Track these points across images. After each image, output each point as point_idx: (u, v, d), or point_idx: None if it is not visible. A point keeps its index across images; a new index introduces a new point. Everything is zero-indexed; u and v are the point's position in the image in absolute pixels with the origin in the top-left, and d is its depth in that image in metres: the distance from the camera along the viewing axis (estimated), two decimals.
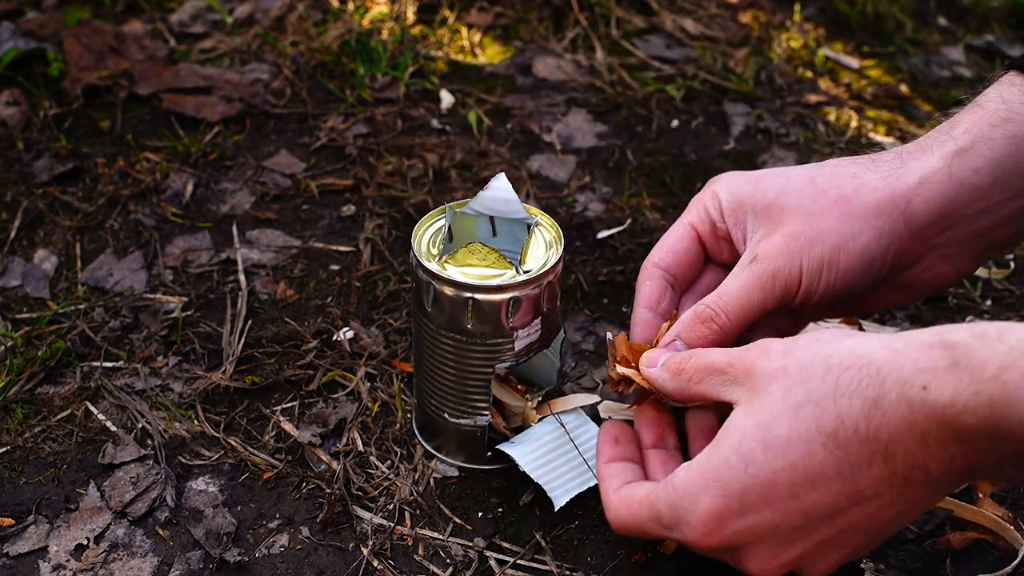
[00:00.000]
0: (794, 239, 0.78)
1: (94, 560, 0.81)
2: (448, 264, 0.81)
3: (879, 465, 0.64)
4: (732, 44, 1.41)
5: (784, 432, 0.66)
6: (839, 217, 0.78)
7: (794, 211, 0.79)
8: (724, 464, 0.68)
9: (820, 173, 0.80)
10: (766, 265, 0.78)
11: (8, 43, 1.32)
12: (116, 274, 1.06)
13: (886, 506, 0.66)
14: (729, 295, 0.79)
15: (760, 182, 0.82)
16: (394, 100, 1.29)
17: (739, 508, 0.67)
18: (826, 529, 0.68)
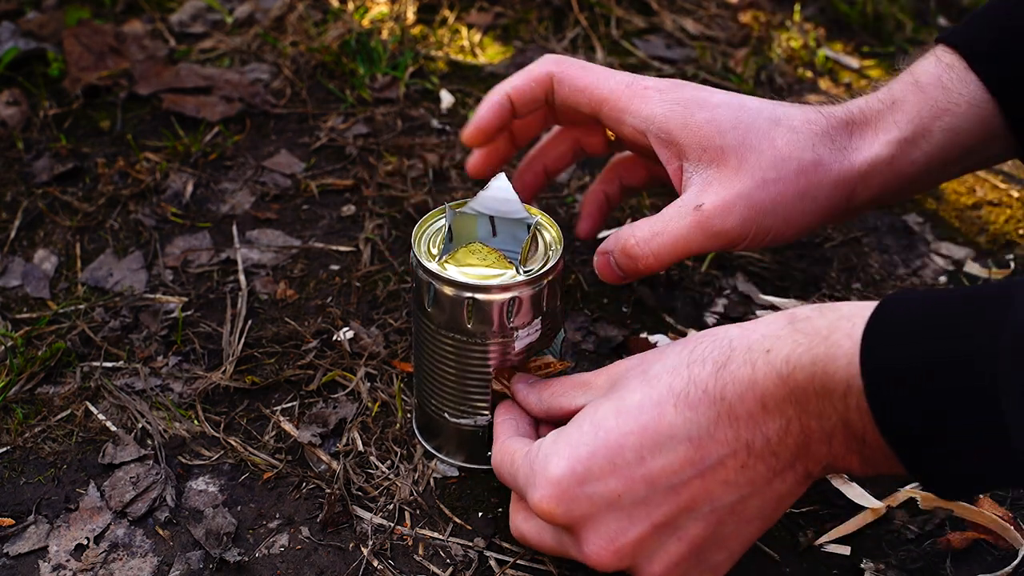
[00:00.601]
0: (748, 204, 0.81)
1: (94, 560, 0.81)
2: (448, 264, 0.81)
3: (724, 426, 0.66)
4: (732, 44, 1.41)
5: (637, 399, 0.68)
6: (796, 193, 0.81)
7: (752, 172, 0.81)
8: (578, 430, 0.69)
9: (778, 134, 0.82)
10: (714, 221, 0.81)
11: (8, 43, 1.32)
12: (116, 274, 1.06)
13: (729, 482, 0.67)
14: (664, 237, 0.82)
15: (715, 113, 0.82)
16: (394, 100, 1.29)
17: (584, 471, 0.68)
18: (667, 506, 0.68)
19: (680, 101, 0.83)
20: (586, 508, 0.69)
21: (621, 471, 0.67)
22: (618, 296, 1.04)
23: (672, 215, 0.82)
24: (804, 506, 0.85)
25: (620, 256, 0.85)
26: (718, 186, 0.81)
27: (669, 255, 0.83)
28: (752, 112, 0.83)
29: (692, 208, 0.81)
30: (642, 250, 0.83)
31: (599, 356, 0.98)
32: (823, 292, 1.04)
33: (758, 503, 0.68)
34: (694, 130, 0.82)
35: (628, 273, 0.86)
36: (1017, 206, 1.16)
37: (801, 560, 0.82)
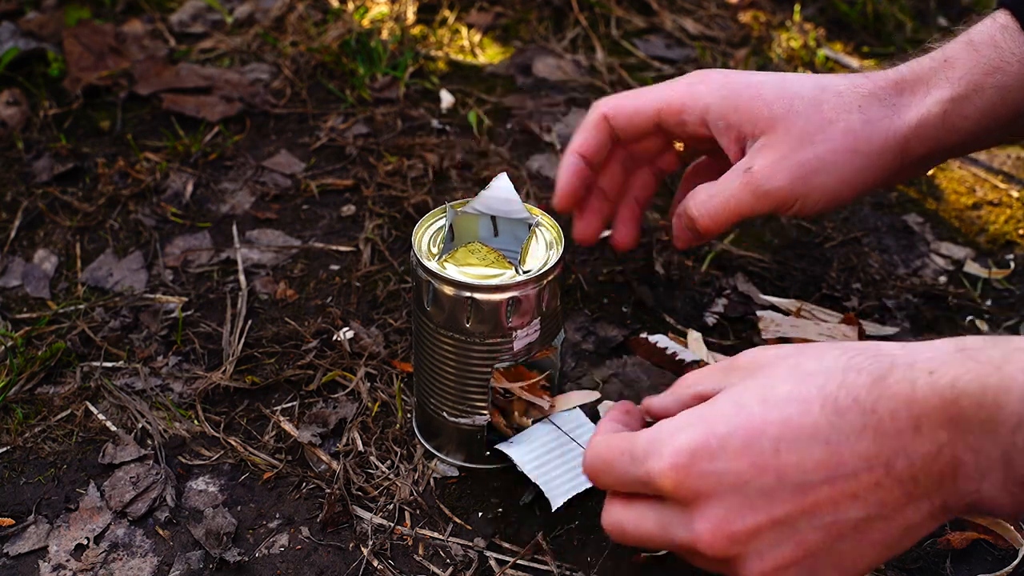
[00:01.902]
0: (796, 165, 0.82)
1: (94, 560, 0.81)
2: (448, 263, 0.81)
3: (868, 439, 0.63)
4: (732, 44, 1.41)
5: (785, 390, 0.65)
6: (846, 152, 0.83)
7: (799, 135, 0.83)
8: (713, 409, 0.67)
9: (824, 98, 0.84)
10: (763, 182, 0.82)
11: (8, 43, 1.32)
12: (116, 274, 1.06)
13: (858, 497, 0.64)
14: (715, 200, 0.85)
15: (760, 90, 0.85)
16: (394, 100, 1.29)
17: (718, 447, 0.65)
18: (791, 504, 0.65)
19: (727, 86, 0.86)
20: (710, 484, 0.65)
21: (754, 456, 0.64)
22: (618, 296, 1.04)
23: (725, 179, 0.85)
24: None
25: (684, 218, 0.88)
26: (767, 150, 0.83)
27: (722, 216, 0.85)
28: (796, 83, 0.85)
29: (742, 171, 0.84)
30: (698, 212, 0.86)
31: (599, 356, 0.98)
32: (823, 292, 1.04)
33: (883, 528, 0.65)
34: (744, 110, 0.85)
35: (692, 236, 0.89)
36: (1017, 206, 1.16)
37: None
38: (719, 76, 0.88)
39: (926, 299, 1.04)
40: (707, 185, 0.87)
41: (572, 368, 0.97)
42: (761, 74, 0.87)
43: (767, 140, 0.84)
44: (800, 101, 0.84)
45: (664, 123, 0.90)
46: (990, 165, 1.22)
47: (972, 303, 1.04)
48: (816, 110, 0.83)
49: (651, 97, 0.89)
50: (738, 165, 0.85)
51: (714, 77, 0.88)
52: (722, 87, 0.86)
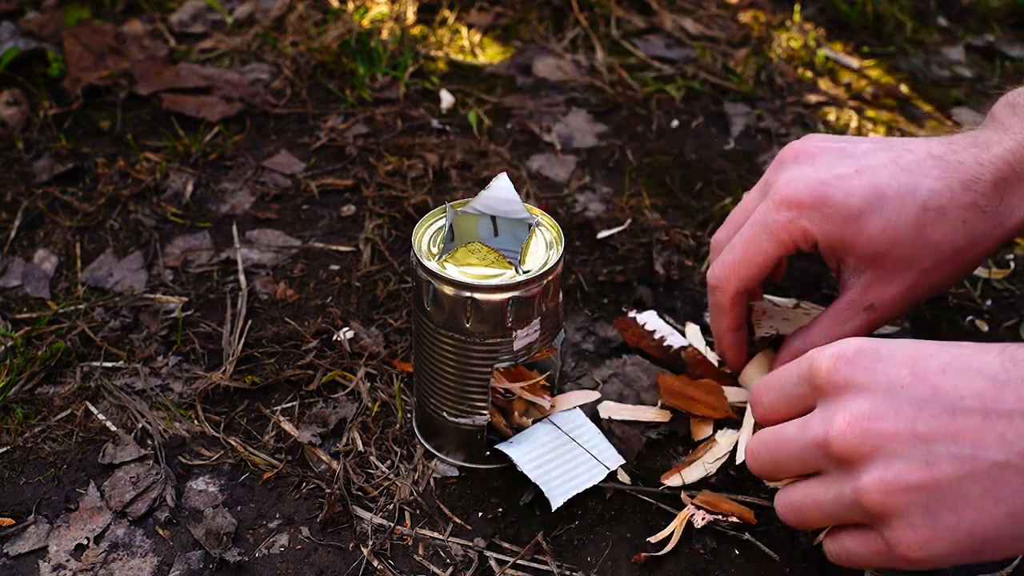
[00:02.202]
0: (912, 292, 0.84)
1: (94, 560, 0.81)
2: (448, 263, 0.81)
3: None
4: (732, 44, 1.41)
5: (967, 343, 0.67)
6: (953, 268, 0.84)
7: (909, 266, 0.83)
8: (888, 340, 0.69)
9: (928, 221, 0.82)
10: (883, 314, 0.85)
11: (8, 43, 1.32)
12: (116, 274, 1.06)
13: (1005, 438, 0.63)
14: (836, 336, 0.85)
15: (861, 225, 0.83)
16: (394, 100, 1.29)
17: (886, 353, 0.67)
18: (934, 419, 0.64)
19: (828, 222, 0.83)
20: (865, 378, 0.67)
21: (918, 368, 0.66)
22: (618, 296, 1.04)
23: (848, 317, 0.86)
24: None
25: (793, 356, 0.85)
26: (881, 286, 0.84)
27: None
28: (895, 203, 0.82)
29: (863, 308, 0.85)
30: None
31: (599, 356, 0.98)
32: (823, 292, 1.04)
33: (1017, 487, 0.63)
34: (849, 246, 0.84)
35: None
36: None
37: (801, 560, 0.82)
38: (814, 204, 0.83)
39: (926, 299, 1.04)
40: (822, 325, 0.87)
41: (572, 368, 0.97)
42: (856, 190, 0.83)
43: (877, 276, 0.84)
44: (903, 230, 0.82)
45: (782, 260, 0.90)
46: None
47: (972, 303, 1.04)
48: (920, 235, 0.82)
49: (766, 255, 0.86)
50: (853, 301, 0.85)
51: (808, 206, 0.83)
52: (825, 221, 0.83)
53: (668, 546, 0.82)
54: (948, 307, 1.03)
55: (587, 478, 0.84)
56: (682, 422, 0.92)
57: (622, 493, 0.86)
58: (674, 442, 0.91)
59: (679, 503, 0.85)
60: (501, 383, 0.85)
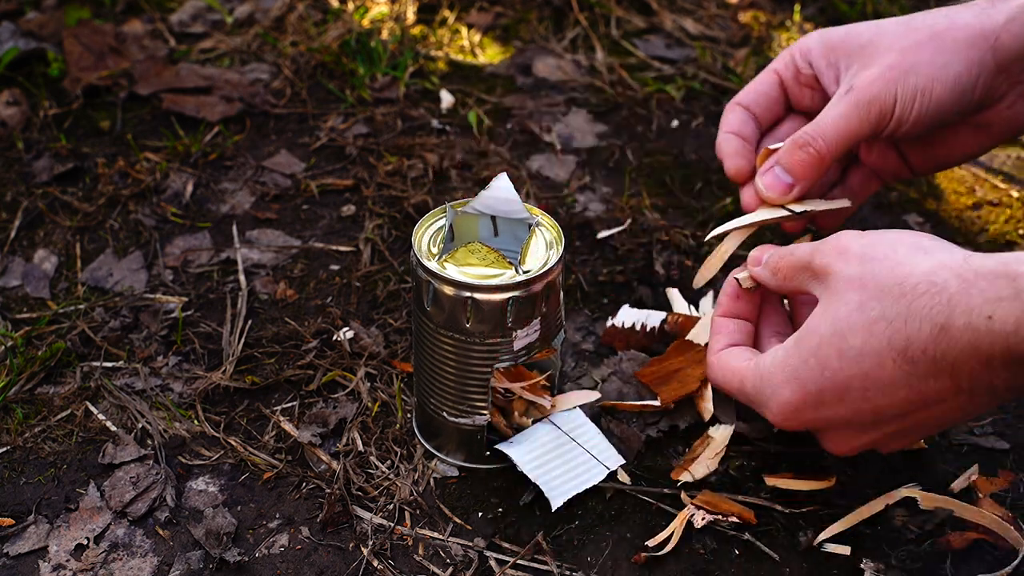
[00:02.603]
0: (889, 69, 0.84)
1: (94, 560, 0.81)
2: (448, 263, 0.81)
3: (944, 379, 0.69)
4: (732, 44, 1.41)
5: (858, 344, 0.71)
6: (932, 50, 0.84)
7: (888, 47, 0.85)
8: (803, 365, 0.74)
9: (913, 17, 0.87)
10: (862, 93, 0.85)
11: (8, 43, 1.32)
12: (116, 274, 1.06)
13: (951, 408, 0.72)
14: (825, 122, 0.86)
15: (853, 27, 0.88)
16: (394, 100, 1.29)
17: (815, 403, 0.74)
18: (895, 424, 0.74)
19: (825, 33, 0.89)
20: (822, 425, 0.76)
21: (848, 404, 0.73)
22: (618, 296, 1.04)
23: (829, 106, 0.86)
24: (804, 506, 0.85)
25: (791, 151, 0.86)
26: (863, 71, 0.86)
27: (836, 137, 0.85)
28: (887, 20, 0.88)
29: (844, 93, 0.86)
30: (813, 137, 0.85)
31: (599, 356, 0.98)
32: None
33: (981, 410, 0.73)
34: (840, 47, 0.88)
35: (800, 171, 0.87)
36: (1017, 206, 1.16)
37: (801, 560, 0.82)
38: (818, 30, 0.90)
39: None
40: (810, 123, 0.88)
41: (572, 368, 0.97)
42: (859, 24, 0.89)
43: (861, 63, 0.86)
44: (889, 25, 0.86)
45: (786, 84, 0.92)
46: (990, 165, 1.22)
47: None
48: (905, 26, 0.86)
49: (769, 67, 0.92)
50: (839, 91, 0.87)
51: (814, 32, 0.91)
52: (821, 35, 0.89)
53: (668, 546, 0.82)
54: None
55: (587, 478, 0.84)
56: (683, 415, 0.92)
57: (622, 493, 0.86)
58: (674, 441, 0.91)
59: (679, 503, 0.85)
60: (502, 383, 0.85)
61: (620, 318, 0.99)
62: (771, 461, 0.89)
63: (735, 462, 0.89)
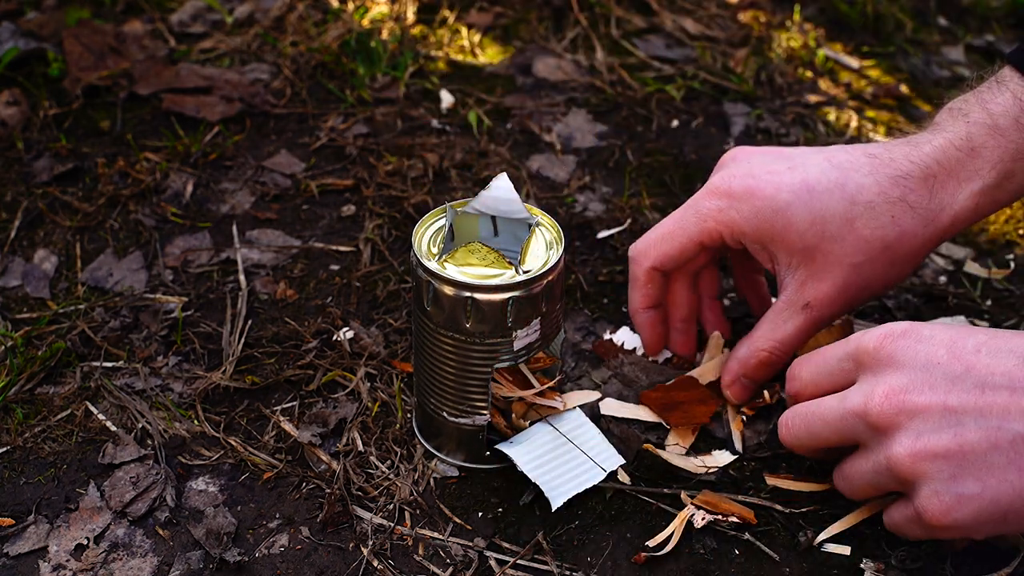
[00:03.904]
0: (846, 289, 0.86)
1: (94, 560, 0.81)
2: (448, 263, 0.81)
3: None
4: (732, 44, 1.41)
5: None
6: (885, 264, 0.85)
7: (840, 261, 0.85)
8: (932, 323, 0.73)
9: (857, 215, 0.84)
10: (822, 313, 0.86)
11: (8, 43, 1.32)
12: (116, 274, 1.06)
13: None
14: (790, 341, 0.88)
15: (789, 218, 0.85)
16: (394, 100, 1.29)
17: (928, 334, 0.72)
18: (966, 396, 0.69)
19: (757, 215, 0.86)
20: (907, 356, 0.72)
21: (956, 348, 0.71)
22: (618, 296, 1.04)
23: (787, 317, 0.87)
24: (804, 506, 0.85)
25: (755, 370, 0.90)
26: (814, 282, 0.86)
27: (795, 347, 0.89)
28: (824, 197, 0.85)
29: (800, 308, 0.87)
30: (778, 354, 0.89)
31: (599, 356, 0.98)
32: None
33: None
34: (779, 241, 0.86)
35: (765, 380, 0.91)
36: (1017, 206, 1.16)
37: (801, 560, 0.82)
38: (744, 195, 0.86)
39: (926, 299, 1.04)
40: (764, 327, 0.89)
41: (572, 368, 0.97)
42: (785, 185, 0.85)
43: (810, 272, 0.86)
44: (832, 224, 0.84)
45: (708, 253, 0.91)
46: None
47: (972, 303, 1.04)
48: (850, 229, 0.84)
49: (688, 235, 0.88)
50: (790, 299, 0.87)
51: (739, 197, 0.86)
52: (754, 214, 0.85)
53: (668, 546, 0.82)
54: (948, 307, 1.03)
55: (587, 478, 0.84)
56: None
57: (622, 493, 0.86)
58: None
59: (679, 503, 0.85)
60: (513, 392, 0.85)
61: (619, 337, 0.99)
62: (771, 461, 0.89)
63: (735, 462, 0.89)
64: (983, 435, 0.68)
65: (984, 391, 0.69)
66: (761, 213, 0.85)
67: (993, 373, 0.69)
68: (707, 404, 0.91)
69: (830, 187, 0.85)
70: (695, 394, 0.92)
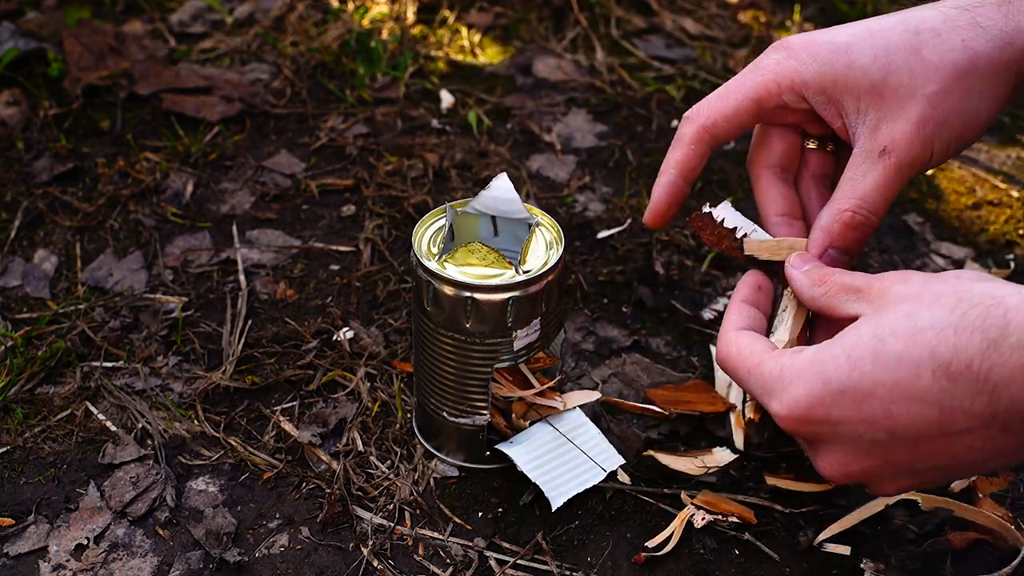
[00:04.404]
0: (923, 125, 0.78)
1: (94, 560, 0.81)
2: (448, 263, 0.81)
3: (982, 403, 0.64)
4: (732, 44, 1.41)
5: (898, 349, 0.66)
6: (961, 95, 0.78)
7: (912, 93, 0.78)
8: (832, 360, 0.68)
9: (922, 42, 0.78)
10: (903, 158, 0.78)
11: (8, 43, 1.32)
12: (116, 274, 1.06)
13: (972, 446, 0.66)
14: (873, 195, 0.79)
15: (851, 55, 0.79)
16: (394, 100, 1.29)
17: (831, 404, 0.68)
18: (904, 452, 0.68)
19: (817, 58, 0.80)
20: (826, 433, 0.69)
21: (865, 416, 0.67)
22: (618, 296, 1.04)
23: (865, 170, 0.80)
24: (804, 506, 0.85)
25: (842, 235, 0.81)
26: (889, 124, 0.79)
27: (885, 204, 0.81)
28: (885, 33, 0.79)
29: (878, 155, 0.79)
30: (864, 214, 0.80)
31: (599, 356, 0.98)
32: None
33: (996, 462, 0.68)
34: (842, 83, 0.79)
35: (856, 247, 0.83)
36: (1017, 206, 1.16)
37: (801, 560, 0.82)
38: (803, 45, 0.80)
39: None
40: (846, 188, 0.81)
41: (572, 368, 0.97)
42: (845, 30, 0.80)
43: (881, 113, 0.79)
44: (898, 55, 0.78)
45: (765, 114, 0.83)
46: (990, 165, 1.22)
47: None
48: (918, 59, 0.78)
49: (745, 92, 0.81)
50: (866, 149, 0.79)
51: (797, 47, 0.80)
52: (813, 59, 0.79)
53: (668, 546, 0.82)
54: None
55: (587, 478, 0.84)
56: (683, 421, 0.92)
57: (622, 493, 0.86)
58: (674, 441, 0.91)
59: (679, 503, 0.85)
60: (513, 392, 0.85)
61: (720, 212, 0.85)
62: (771, 461, 0.89)
63: (735, 462, 0.89)
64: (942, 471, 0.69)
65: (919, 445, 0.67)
66: (820, 56, 0.79)
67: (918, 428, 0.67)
68: (715, 406, 0.91)
69: (891, 24, 0.79)
70: (705, 396, 0.92)
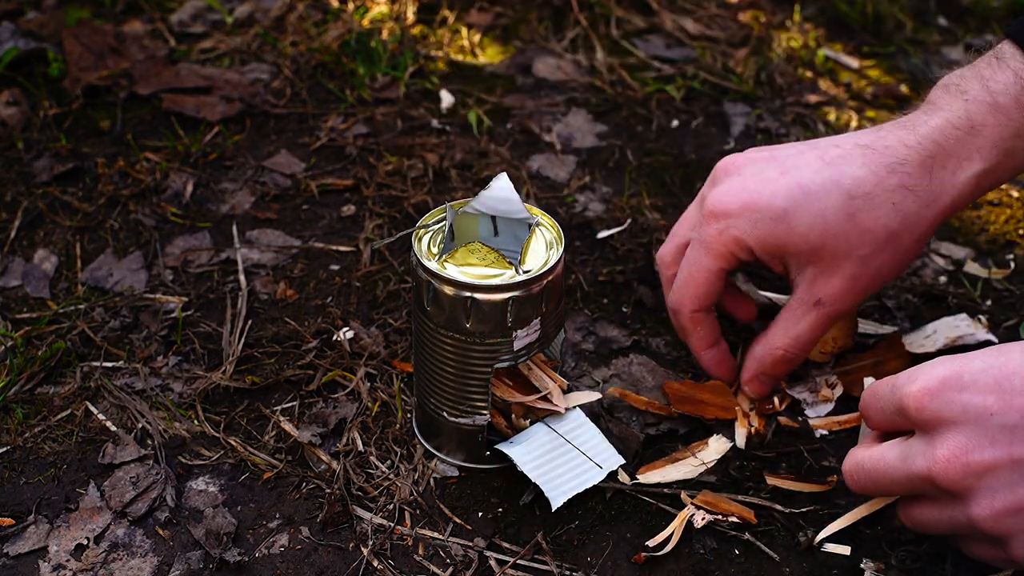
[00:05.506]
0: (855, 281, 0.85)
1: (94, 560, 0.81)
2: (448, 263, 0.81)
3: None
4: (732, 44, 1.41)
5: None
6: (892, 252, 0.85)
7: (847, 255, 0.85)
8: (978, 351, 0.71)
9: (857, 208, 0.84)
10: (834, 308, 0.87)
11: (8, 43, 1.32)
12: (116, 274, 1.06)
13: None
14: (804, 338, 0.89)
15: (790, 223, 0.84)
16: (394, 100, 1.29)
17: (969, 380, 0.69)
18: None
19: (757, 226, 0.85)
20: (954, 412, 0.69)
21: (1003, 393, 0.68)
22: (618, 296, 1.04)
23: (800, 315, 0.88)
24: (804, 506, 0.85)
25: (772, 368, 0.91)
26: (824, 280, 0.86)
27: (811, 345, 0.90)
28: (821, 196, 0.84)
29: (812, 305, 0.87)
30: (793, 352, 0.90)
31: (599, 356, 0.98)
32: None
33: None
34: (783, 247, 0.86)
35: (782, 377, 0.92)
36: (1017, 206, 1.16)
37: (801, 560, 0.82)
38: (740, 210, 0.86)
39: (926, 299, 1.04)
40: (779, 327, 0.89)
41: (572, 368, 0.97)
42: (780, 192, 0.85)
43: (819, 269, 0.86)
44: (833, 221, 0.84)
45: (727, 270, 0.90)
46: None
47: (972, 303, 1.04)
48: (852, 224, 0.84)
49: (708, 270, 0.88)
50: (802, 298, 0.87)
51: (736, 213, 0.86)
52: (753, 226, 0.85)
53: (668, 546, 0.82)
54: (948, 307, 1.03)
55: (587, 478, 0.84)
56: (683, 421, 0.92)
57: (622, 493, 0.86)
58: (674, 440, 0.91)
59: (679, 503, 0.85)
60: (514, 397, 0.85)
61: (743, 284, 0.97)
62: (771, 461, 0.89)
63: (735, 462, 0.89)
64: None
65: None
66: (760, 223, 0.85)
67: None
68: (727, 412, 0.92)
69: (826, 185, 0.84)
70: (721, 400, 0.92)
